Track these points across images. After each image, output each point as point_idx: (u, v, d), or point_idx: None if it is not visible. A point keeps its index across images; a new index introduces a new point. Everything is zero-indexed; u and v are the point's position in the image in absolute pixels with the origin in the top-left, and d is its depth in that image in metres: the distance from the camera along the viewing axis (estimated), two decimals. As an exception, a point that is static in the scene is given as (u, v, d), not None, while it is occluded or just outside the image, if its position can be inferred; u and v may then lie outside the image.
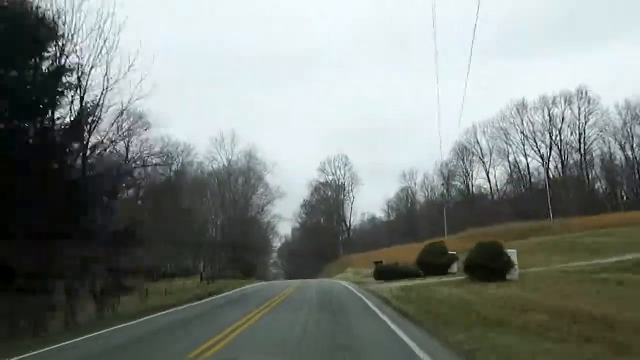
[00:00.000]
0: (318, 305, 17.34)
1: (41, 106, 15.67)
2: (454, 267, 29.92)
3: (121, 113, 21.11)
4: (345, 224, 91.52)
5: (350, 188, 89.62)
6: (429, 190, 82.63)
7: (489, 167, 68.92)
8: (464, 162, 72.68)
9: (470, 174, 73.06)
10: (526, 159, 65.17)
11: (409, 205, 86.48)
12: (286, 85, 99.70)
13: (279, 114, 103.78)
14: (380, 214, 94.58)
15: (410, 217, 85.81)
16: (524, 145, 64.31)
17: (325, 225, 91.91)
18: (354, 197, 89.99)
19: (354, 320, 12.50)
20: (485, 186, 71.31)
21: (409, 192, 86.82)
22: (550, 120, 62.59)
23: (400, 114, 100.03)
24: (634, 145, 60.79)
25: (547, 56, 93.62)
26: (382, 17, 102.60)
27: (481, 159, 69.57)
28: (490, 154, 68.35)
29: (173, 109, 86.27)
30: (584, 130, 61.92)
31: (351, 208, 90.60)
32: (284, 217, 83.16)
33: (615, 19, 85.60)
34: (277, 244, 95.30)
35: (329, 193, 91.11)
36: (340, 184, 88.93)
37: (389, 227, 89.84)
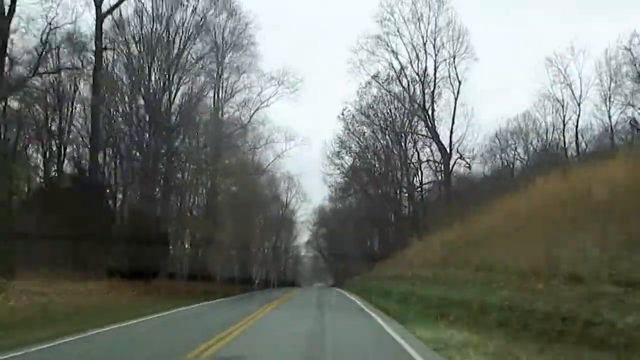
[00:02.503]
0: None
1: None
2: None
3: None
4: (443, 145, 36.91)
5: (451, 70, 36.61)
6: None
7: None
8: None
9: None
10: None
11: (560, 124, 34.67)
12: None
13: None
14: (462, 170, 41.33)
15: (554, 155, 34.07)
16: None
17: (387, 166, 44.87)
18: (458, 94, 36.60)
19: None
20: None
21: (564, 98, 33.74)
22: None
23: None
24: None
25: None
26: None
27: None
28: None
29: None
30: None
31: (453, 117, 36.75)
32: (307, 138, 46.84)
33: None
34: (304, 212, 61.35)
35: (401, 89, 38.68)
36: (424, 68, 36.95)
37: (489, 180, 38.38)
